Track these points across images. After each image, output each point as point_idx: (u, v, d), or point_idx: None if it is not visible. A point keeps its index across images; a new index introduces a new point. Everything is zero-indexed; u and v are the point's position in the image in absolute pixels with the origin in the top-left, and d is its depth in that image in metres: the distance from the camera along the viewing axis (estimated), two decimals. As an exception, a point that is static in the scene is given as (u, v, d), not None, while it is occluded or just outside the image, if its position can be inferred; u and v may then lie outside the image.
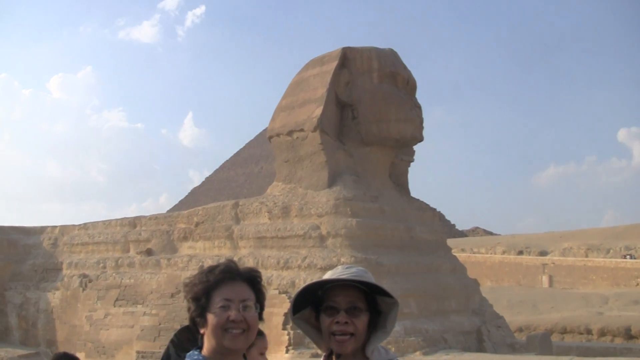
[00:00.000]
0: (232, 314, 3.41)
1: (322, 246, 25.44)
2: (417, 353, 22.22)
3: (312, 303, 3.73)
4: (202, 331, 3.50)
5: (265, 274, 25.48)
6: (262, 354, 4.95)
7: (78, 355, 8.07)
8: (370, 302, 3.62)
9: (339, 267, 3.69)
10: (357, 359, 3.59)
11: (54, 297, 34.35)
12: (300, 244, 25.96)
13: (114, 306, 31.15)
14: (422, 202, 29.61)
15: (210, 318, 3.42)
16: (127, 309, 30.59)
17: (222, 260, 3.59)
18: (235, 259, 25.99)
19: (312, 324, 3.76)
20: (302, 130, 27.31)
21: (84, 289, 32.97)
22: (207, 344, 3.47)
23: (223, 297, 3.45)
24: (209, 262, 25.77)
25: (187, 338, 3.72)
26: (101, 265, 33.22)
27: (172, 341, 3.80)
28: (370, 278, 3.61)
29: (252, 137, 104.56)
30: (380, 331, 3.65)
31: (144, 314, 29.57)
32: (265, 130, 31.21)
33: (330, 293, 3.61)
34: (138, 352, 28.37)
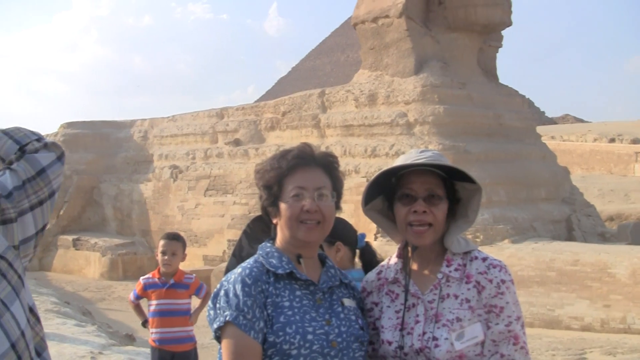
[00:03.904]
0: (306, 203, 3.12)
1: (409, 134, 25.28)
2: (506, 241, 22.15)
3: (385, 191, 3.43)
4: (274, 221, 3.25)
5: (352, 162, 25.57)
6: None
7: None
8: (448, 188, 3.30)
9: (412, 150, 3.36)
10: (434, 251, 3.30)
11: (147, 189, 35.26)
12: (387, 131, 25.83)
13: (205, 196, 31.83)
14: (510, 88, 28.99)
15: (283, 208, 3.15)
16: (217, 198, 31.22)
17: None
18: (323, 147, 26.07)
19: (385, 214, 3.47)
20: (387, 16, 26.84)
21: (174, 180, 33.71)
22: (280, 235, 3.23)
23: (296, 184, 3.15)
24: (296, 151, 25.96)
25: (261, 228, 3.50)
26: (190, 156, 33.82)
27: (244, 232, 3.59)
28: (447, 162, 3.29)
29: (337, 25, 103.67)
30: (461, 220, 3.34)
31: (234, 203, 30.19)
32: (350, 18, 30.78)
33: (405, 180, 3.28)
34: (229, 241, 29.08)
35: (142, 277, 8.03)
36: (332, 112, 28.18)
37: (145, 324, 8.10)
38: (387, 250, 18.86)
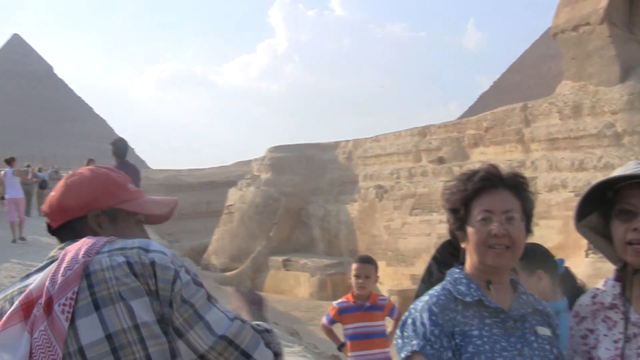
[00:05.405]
0: (494, 227, 2.96)
1: (618, 145, 24.35)
2: None
3: (601, 207, 3.10)
4: (463, 245, 3.12)
5: (559, 177, 25.00)
6: None
7: (379, 262, 8.52)
8: None
9: (631, 162, 3.03)
10: None
11: (353, 209, 35.93)
12: (594, 143, 25.02)
13: (410, 215, 32.02)
14: None
15: (470, 232, 3.01)
16: (423, 217, 31.33)
17: (513, 164, 3.26)
18: (528, 162, 25.74)
19: (601, 231, 3.13)
20: (588, 24, 26.10)
21: (380, 200, 34.17)
22: (469, 260, 3.09)
23: (483, 208, 3.00)
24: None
25: (450, 252, 3.36)
26: (395, 175, 34.18)
27: (434, 257, 3.48)
28: None
29: (537, 37, 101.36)
30: None
31: (440, 221, 30.06)
32: (550, 28, 30.10)
33: (624, 194, 2.95)
34: (436, 260, 29.04)
35: (335, 302, 8.07)
36: (535, 126, 27.65)
37: (341, 347, 8.27)
38: (600, 267, 18.26)
